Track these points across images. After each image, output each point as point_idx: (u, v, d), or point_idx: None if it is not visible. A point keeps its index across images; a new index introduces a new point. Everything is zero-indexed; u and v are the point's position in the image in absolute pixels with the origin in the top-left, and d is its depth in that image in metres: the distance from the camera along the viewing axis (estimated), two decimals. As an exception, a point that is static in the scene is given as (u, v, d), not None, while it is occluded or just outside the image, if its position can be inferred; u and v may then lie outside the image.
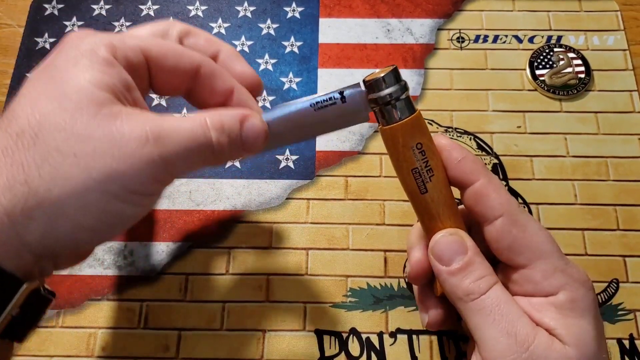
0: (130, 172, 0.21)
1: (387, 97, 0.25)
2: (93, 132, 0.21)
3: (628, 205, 0.38)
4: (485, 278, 0.25)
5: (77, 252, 0.26)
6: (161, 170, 0.22)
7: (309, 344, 0.34)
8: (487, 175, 0.26)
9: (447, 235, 0.26)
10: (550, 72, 0.42)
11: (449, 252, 0.26)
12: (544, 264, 0.25)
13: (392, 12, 0.46)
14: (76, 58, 0.23)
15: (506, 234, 0.26)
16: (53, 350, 0.34)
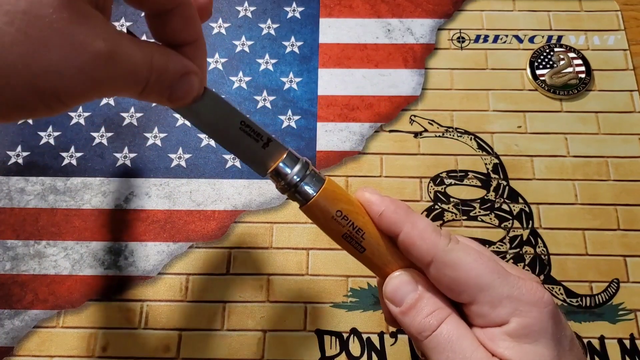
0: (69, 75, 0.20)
1: (293, 179, 0.26)
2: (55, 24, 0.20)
3: (628, 205, 0.38)
4: (435, 313, 0.25)
5: None
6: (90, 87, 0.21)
7: (309, 344, 0.34)
8: (409, 221, 0.26)
9: (394, 278, 0.26)
10: (551, 72, 0.42)
11: (399, 292, 0.26)
12: (487, 296, 0.25)
13: (392, 12, 0.46)
14: None
15: (442, 277, 0.26)
16: (54, 351, 0.34)
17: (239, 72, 0.43)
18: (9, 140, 0.41)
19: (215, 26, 0.45)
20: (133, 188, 0.39)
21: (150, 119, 0.42)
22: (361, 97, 0.42)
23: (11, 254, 0.37)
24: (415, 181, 0.39)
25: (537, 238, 0.37)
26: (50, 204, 0.39)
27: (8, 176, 0.40)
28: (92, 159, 0.40)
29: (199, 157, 0.40)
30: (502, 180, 0.39)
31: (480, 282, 0.25)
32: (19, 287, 0.36)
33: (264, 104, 0.42)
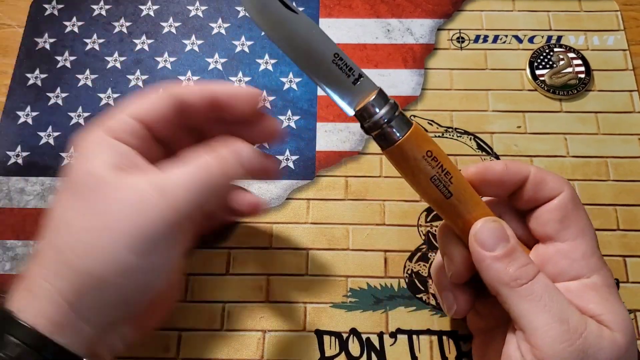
0: (144, 227, 0.24)
1: (381, 120, 0.25)
2: (103, 206, 0.24)
3: (628, 205, 0.38)
4: (530, 265, 0.25)
5: (132, 315, 0.26)
6: (173, 216, 0.24)
7: (309, 344, 0.34)
8: (530, 165, 0.28)
9: (490, 222, 0.26)
10: (550, 72, 0.42)
11: (492, 238, 0.26)
12: (584, 244, 0.26)
13: (392, 12, 0.46)
14: (84, 151, 0.26)
15: (563, 208, 0.27)
16: (53, 351, 0.34)
17: (239, 73, 0.43)
18: (8, 141, 0.41)
19: (214, 26, 0.45)
20: (133, 188, 0.39)
21: (150, 119, 0.42)
22: (361, 97, 0.42)
23: (11, 255, 0.37)
24: (414, 181, 0.39)
25: (537, 238, 0.37)
26: (50, 205, 0.39)
27: (8, 176, 0.40)
28: (92, 159, 0.40)
29: (199, 158, 0.40)
30: (501, 180, 0.39)
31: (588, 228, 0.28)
32: (18, 287, 0.36)
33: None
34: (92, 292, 0.23)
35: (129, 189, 0.24)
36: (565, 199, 0.27)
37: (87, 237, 0.24)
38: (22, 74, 0.43)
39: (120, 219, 0.24)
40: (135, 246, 0.23)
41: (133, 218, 0.24)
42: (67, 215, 0.25)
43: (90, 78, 0.43)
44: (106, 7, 0.46)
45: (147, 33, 0.45)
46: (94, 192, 0.24)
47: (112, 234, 0.23)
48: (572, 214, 0.27)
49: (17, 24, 0.45)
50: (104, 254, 0.23)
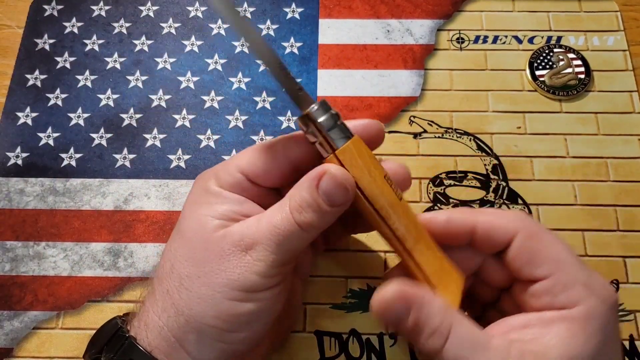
0: (242, 278, 0.25)
1: (329, 122, 0.26)
2: (207, 257, 0.26)
3: (628, 206, 0.38)
4: (437, 332, 0.24)
5: (237, 350, 0.27)
6: (265, 268, 0.25)
7: (309, 345, 0.34)
8: (479, 212, 0.27)
9: (385, 300, 0.25)
10: (550, 73, 0.42)
11: (392, 317, 0.25)
12: (564, 275, 0.25)
13: (391, 13, 0.46)
14: (194, 198, 0.28)
15: (524, 249, 0.25)
16: (53, 352, 0.34)
17: (239, 73, 0.43)
18: (8, 142, 0.41)
19: (214, 27, 0.45)
20: (132, 189, 0.39)
21: (150, 120, 0.42)
22: (360, 97, 0.42)
23: (10, 255, 0.37)
24: (414, 182, 0.39)
25: (537, 239, 0.37)
26: (49, 205, 0.39)
27: (7, 177, 0.40)
28: (92, 160, 0.40)
29: (199, 158, 0.40)
30: (501, 181, 0.39)
31: (562, 258, 0.25)
32: (18, 288, 0.36)
33: (263, 104, 0.42)
34: (196, 333, 0.26)
35: (227, 242, 0.26)
36: (523, 239, 0.26)
37: (191, 285, 0.26)
38: (21, 75, 0.43)
39: (220, 270, 0.26)
40: (231, 295, 0.25)
41: (229, 270, 0.25)
42: (177, 262, 0.27)
43: (89, 79, 0.43)
44: (106, 8, 0.46)
45: (147, 34, 0.45)
46: (200, 243, 0.26)
47: (211, 285, 0.25)
48: (539, 251, 0.25)
49: (16, 25, 0.45)
50: (206, 303, 0.25)
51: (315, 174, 0.26)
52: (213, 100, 0.42)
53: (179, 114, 0.42)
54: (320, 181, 0.25)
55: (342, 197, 0.25)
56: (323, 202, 0.25)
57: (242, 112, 0.42)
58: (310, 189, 0.25)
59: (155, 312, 0.26)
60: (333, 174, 0.25)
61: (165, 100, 0.42)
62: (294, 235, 0.25)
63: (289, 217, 0.25)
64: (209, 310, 0.25)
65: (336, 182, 0.25)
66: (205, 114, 0.42)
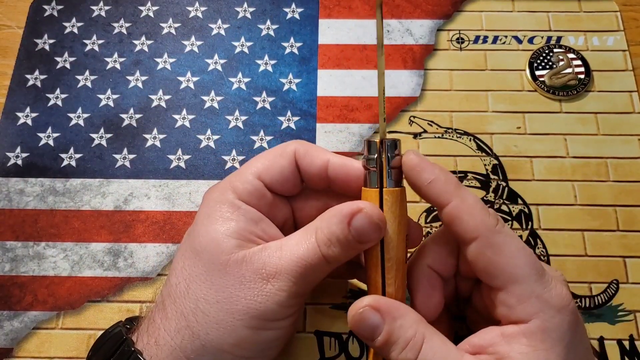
0: (262, 307, 0.25)
1: (397, 160, 0.27)
2: (227, 281, 0.25)
3: (628, 206, 0.38)
4: (410, 343, 0.24)
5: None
6: (286, 299, 0.25)
7: (309, 345, 0.34)
8: (459, 195, 0.26)
9: (358, 312, 0.25)
10: (550, 73, 0.42)
11: (366, 328, 0.25)
12: (519, 288, 0.24)
13: (391, 13, 0.46)
14: (209, 211, 0.27)
15: (481, 257, 0.25)
16: (53, 352, 0.34)
17: (238, 73, 0.43)
18: (8, 142, 0.41)
19: (214, 27, 0.45)
20: (132, 189, 0.39)
21: (150, 120, 0.42)
22: (360, 98, 0.42)
23: (10, 255, 0.37)
24: (414, 182, 0.39)
25: (537, 239, 0.37)
26: (49, 205, 0.39)
27: (7, 177, 0.40)
28: (92, 160, 0.40)
29: (199, 158, 0.40)
30: (501, 181, 0.39)
31: (517, 272, 0.25)
32: (18, 288, 0.36)
33: (263, 105, 0.42)
34: (211, 357, 0.25)
35: (248, 269, 0.25)
36: (481, 246, 0.25)
37: (209, 309, 0.25)
38: (21, 75, 0.43)
39: (240, 297, 0.25)
40: (251, 324, 0.25)
41: (250, 298, 0.25)
42: (193, 284, 0.26)
43: (89, 79, 0.43)
44: (106, 8, 0.46)
45: (147, 34, 0.45)
46: (217, 264, 0.26)
47: (230, 311, 0.25)
48: (495, 262, 0.25)
49: (16, 25, 0.45)
50: (224, 328, 0.25)
51: (348, 210, 0.25)
52: (213, 101, 0.42)
53: (178, 114, 0.42)
54: (353, 218, 0.25)
55: (374, 236, 0.25)
56: (353, 239, 0.25)
57: (242, 112, 0.42)
58: (342, 225, 0.25)
59: (168, 332, 0.26)
60: (369, 214, 0.25)
61: (165, 101, 0.42)
62: (319, 267, 0.25)
63: (316, 250, 0.25)
64: (228, 337, 0.25)
65: (371, 222, 0.25)
66: (205, 114, 0.42)
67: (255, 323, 0.25)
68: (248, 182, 0.28)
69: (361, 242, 0.25)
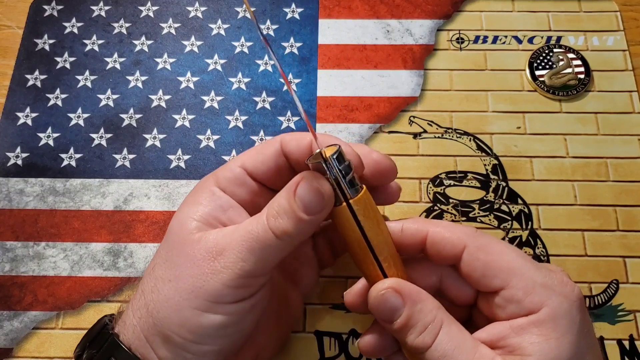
0: (206, 286, 0.24)
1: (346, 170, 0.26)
2: (179, 259, 0.25)
3: (628, 206, 0.38)
4: (429, 328, 0.24)
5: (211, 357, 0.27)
6: (232, 277, 0.24)
7: (308, 346, 0.34)
8: (431, 223, 0.27)
9: (380, 293, 0.25)
10: (550, 73, 0.42)
11: (387, 310, 0.25)
12: (522, 280, 0.25)
13: (391, 13, 0.46)
14: (187, 197, 0.28)
15: (476, 263, 0.25)
16: (53, 352, 0.34)
17: (238, 73, 0.43)
18: (8, 142, 0.41)
19: (214, 27, 0.45)
20: (132, 189, 0.39)
21: (150, 120, 0.42)
22: (360, 98, 0.42)
23: (10, 255, 0.37)
24: (414, 182, 0.39)
25: (537, 239, 0.37)
26: (49, 205, 0.39)
27: (7, 177, 0.40)
28: (91, 160, 0.40)
29: (198, 159, 0.40)
30: (501, 181, 0.39)
31: (514, 266, 0.25)
32: (18, 288, 0.36)
33: (263, 105, 0.42)
34: (161, 337, 0.25)
35: (200, 248, 0.25)
36: (472, 251, 0.26)
37: (162, 287, 0.25)
38: (21, 75, 0.43)
39: (189, 275, 0.25)
40: (195, 304, 0.24)
41: (197, 276, 0.24)
42: (157, 262, 0.27)
43: (89, 79, 0.43)
44: (106, 8, 0.46)
45: (147, 34, 0.45)
46: (177, 244, 0.26)
47: (178, 289, 0.25)
48: (490, 262, 0.25)
49: (16, 25, 0.45)
50: (170, 307, 0.25)
51: (294, 180, 0.25)
52: (213, 101, 0.42)
53: (178, 114, 0.42)
54: (297, 187, 0.24)
55: (317, 204, 0.24)
56: (298, 209, 0.24)
57: (242, 112, 0.42)
58: (288, 195, 0.25)
59: (132, 310, 0.26)
60: (309, 180, 0.24)
61: (165, 101, 0.42)
62: (268, 243, 0.24)
63: (264, 223, 0.24)
64: (174, 317, 0.25)
65: (312, 188, 0.24)
66: (205, 114, 0.42)
67: (199, 303, 0.24)
68: (229, 169, 0.28)
69: (307, 211, 0.24)
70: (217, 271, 0.24)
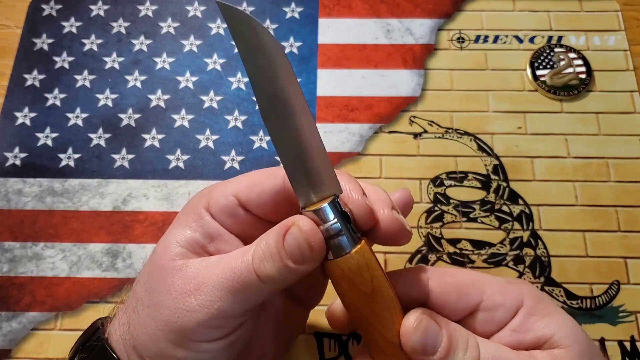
0: (180, 322, 0.23)
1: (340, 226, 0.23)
2: (158, 286, 0.24)
3: (629, 206, 0.38)
4: (470, 342, 0.23)
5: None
6: (208, 318, 0.23)
7: (308, 347, 0.34)
8: (485, 283, 0.26)
9: (415, 324, 0.23)
10: (551, 73, 0.42)
11: (429, 339, 0.23)
12: (493, 286, 0.25)
13: (391, 12, 0.45)
14: (179, 215, 0.27)
15: (447, 287, 0.25)
16: (51, 353, 0.34)
17: (238, 73, 0.43)
18: (6, 142, 0.41)
19: (213, 26, 0.45)
20: (131, 190, 0.39)
21: (149, 120, 0.41)
22: (360, 97, 0.42)
23: (9, 256, 0.37)
24: (414, 182, 0.39)
25: (538, 240, 0.37)
26: (48, 206, 0.39)
27: (6, 177, 0.39)
28: (90, 160, 0.40)
29: (198, 159, 0.40)
30: (502, 181, 0.39)
31: (477, 278, 0.26)
32: (16, 289, 0.36)
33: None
34: (140, 358, 0.24)
35: (180, 278, 0.24)
36: (439, 279, 0.25)
37: (141, 311, 0.25)
38: (20, 75, 0.43)
39: (165, 307, 0.24)
40: (170, 337, 0.24)
41: (173, 309, 0.23)
42: (139, 281, 0.26)
43: (88, 79, 0.43)
44: (104, 8, 0.46)
45: (146, 33, 0.45)
46: (158, 269, 0.25)
47: (155, 319, 0.24)
48: (459, 282, 0.25)
49: (15, 25, 0.45)
50: (148, 334, 0.24)
51: (284, 223, 0.23)
52: (212, 100, 0.42)
53: (177, 114, 0.42)
54: (287, 232, 0.23)
55: (305, 256, 0.22)
56: (285, 256, 0.22)
57: (241, 112, 0.42)
58: (277, 238, 0.23)
59: (119, 322, 0.26)
60: (301, 228, 0.22)
61: (164, 100, 0.42)
62: (250, 284, 0.23)
63: (249, 263, 0.23)
64: (150, 345, 0.24)
65: (302, 238, 0.22)
66: (204, 114, 0.42)
67: (174, 337, 0.23)
68: (223, 196, 0.26)
69: (293, 260, 0.22)
70: (193, 309, 0.23)
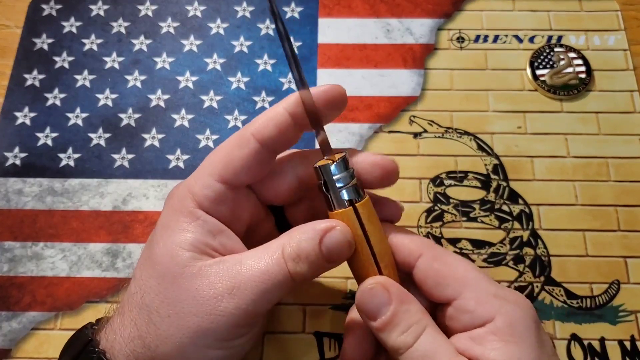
0: (214, 326, 0.24)
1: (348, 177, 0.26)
2: (179, 295, 0.24)
3: (629, 206, 0.38)
4: (412, 328, 0.24)
5: None
6: (242, 318, 0.24)
7: (308, 346, 0.34)
8: (389, 228, 0.27)
9: (369, 286, 0.25)
10: (551, 72, 0.42)
11: (373, 305, 0.25)
12: (474, 291, 0.25)
13: (391, 12, 0.45)
14: (167, 221, 0.26)
15: (429, 271, 0.26)
16: (51, 353, 0.34)
17: (238, 73, 0.43)
18: (6, 142, 0.41)
19: (213, 26, 0.45)
20: (131, 189, 0.39)
21: (149, 119, 0.41)
22: (360, 97, 0.42)
23: (9, 256, 0.37)
24: (414, 182, 0.39)
25: (537, 239, 0.37)
26: (48, 206, 0.39)
27: (6, 177, 0.39)
28: (90, 160, 0.40)
29: (198, 159, 0.40)
30: (502, 181, 0.39)
31: (467, 277, 0.26)
32: (16, 289, 0.36)
33: (262, 104, 0.42)
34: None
35: (205, 283, 0.24)
36: (427, 260, 0.26)
37: (160, 323, 0.25)
38: (20, 75, 0.43)
39: (192, 314, 0.24)
40: (200, 342, 0.24)
41: (203, 315, 0.24)
42: (147, 295, 0.25)
43: (88, 78, 0.43)
44: (104, 8, 0.46)
45: (146, 33, 0.45)
46: (170, 277, 0.25)
47: (180, 327, 0.24)
48: (444, 271, 0.26)
49: (15, 25, 0.45)
50: (172, 343, 0.24)
51: (322, 226, 0.25)
52: (212, 100, 0.42)
53: (177, 114, 0.42)
54: (325, 236, 0.24)
55: (345, 255, 0.25)
56: (323, 258, 0.24)
57: (241, 112, 0.42)
58: (314, 242, 0.24)
59: (123, 339, 0.25)
60: (344, 232, 0.25)
61: (164, 100, 0.42)
62: (283, 284, 0.24)
63: (283, 265, 0.24)
64: (175, 354, 0.24)
65: (345, 240, 0.25)
66: (204, 114, 0.42)
67: (205, 342, 0.24)
68: (207, 186, 0.26)
69: (330, 260, 0.25)
70: (228, 313, 0.24)
